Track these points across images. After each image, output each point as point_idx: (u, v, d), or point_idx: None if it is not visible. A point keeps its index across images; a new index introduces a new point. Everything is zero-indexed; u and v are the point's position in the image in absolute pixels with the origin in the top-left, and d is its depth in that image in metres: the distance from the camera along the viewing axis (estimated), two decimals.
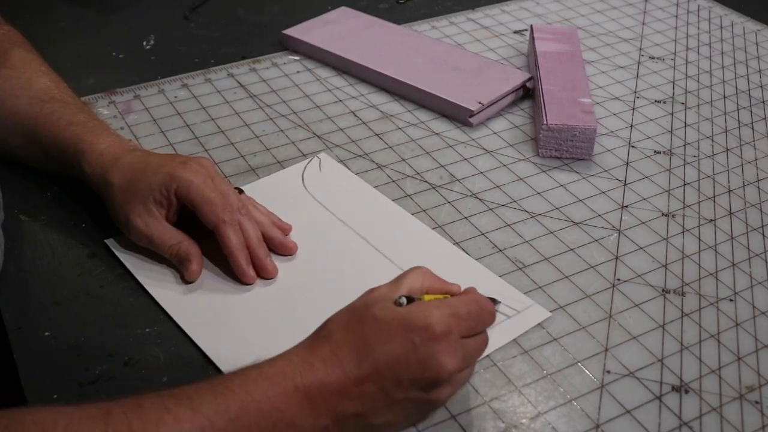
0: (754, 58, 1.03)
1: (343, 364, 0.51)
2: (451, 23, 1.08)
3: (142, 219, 0.66)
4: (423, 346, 0.51)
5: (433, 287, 0.57)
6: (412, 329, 0.51)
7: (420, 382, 0.52)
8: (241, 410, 0.49)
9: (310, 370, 0.51)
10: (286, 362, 0.52)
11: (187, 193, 0.65)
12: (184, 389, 0.50)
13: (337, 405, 0.51)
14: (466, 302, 0.55)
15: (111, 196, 0.68)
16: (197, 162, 0.67)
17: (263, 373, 0.51)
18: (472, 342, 0.54)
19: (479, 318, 0.55)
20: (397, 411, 0.52)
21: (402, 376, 0.51)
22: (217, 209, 0.65)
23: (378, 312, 0.52)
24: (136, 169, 0.67)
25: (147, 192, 0.66)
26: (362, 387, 0.51)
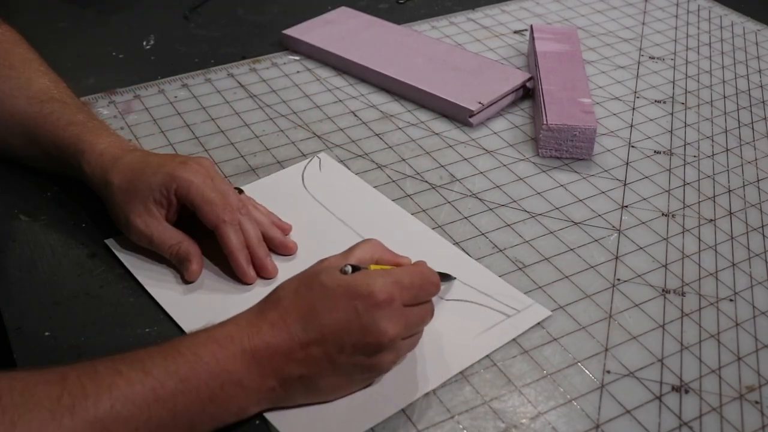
0: (754, 58, 1.04)
1: (290, 328, 0.53)
2: (451, 23, 1.08)
3: (142, 219, 0.66)
4: (365, 312, 0.53)
5: (383, 258, 0.60)
6: (355, 296, 0.53)
7: (362, 348, 0.54)
8: (190, 372, 0.51)
9: (257, 333, 0.53)
10: (234, 326, 0.54)
11: (187, 193, 0.65)
12: (137, 353, 0.52)
13: (283, 367, 0.53)
14: (410, 272, 0.57)
15: (111, 196, 0.68)
16: (197, 162, 0.67)
17: (212, 336, 0.53)
18: (416, 311, 0.56)
19: (422, 288, 0.57)
20: (340, 374, 0.55)
21: (345, 341, 0.53)
22: (218, 209, 0.65)
23: (325, 279, 0.55)
24: (135, 169, 0.67)
25: (147, 192, 0.66)
26: (307, 350, 0.53)
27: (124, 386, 0.49)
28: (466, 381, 0.60)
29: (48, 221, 0.72)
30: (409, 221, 0.74)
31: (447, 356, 0.61)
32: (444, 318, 0.64)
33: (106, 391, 0.49)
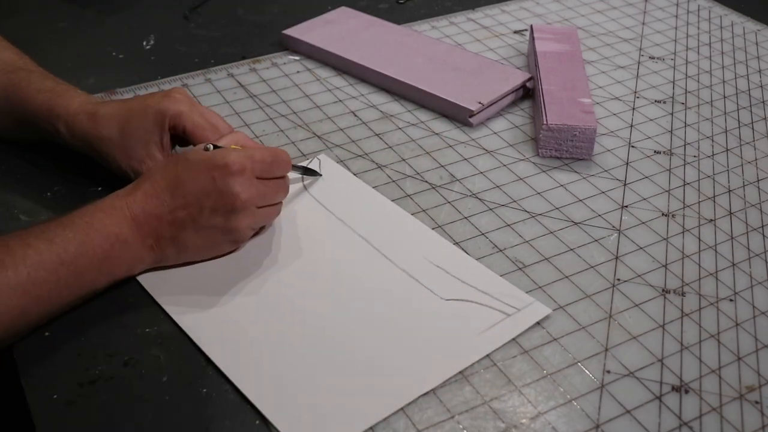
0: (754, 58, 1.04)
1: (160, 196, 0.63)
2: (451, 23, 1.08)
3: (146, 164, 0.71)
4: (221, 179, 0.63)
5: (246, 145, 0.69)
6: (213, 167, 0.63)
7: (219, 210, 0.63)
8: (85, 236, 0.60)
9: (134, 202, 0.63)
10: (115, 197, 0.64)
11: (179, 122, 0.70)
12: (39, 226, 0.61)
13: (156, 228, 0.63)
14: (262, 150, 0.67)
15: (106, 150, 0.71)
16: (176, 92, 0.72)
17: (98, 207, 0.63)
18: (269, 183, 0.66)
19: (273, 163, 0.67)
20: (203, 235, 0.64)
21: (204, 204, 0.63)
22: (208, 133, 0.71)
23: (189, 155, 0.65)
24: (121, 117, 0.71)
25: (146, 136, 0.71)
26: (175, 214, 0.63)
27: (35, 255, 0.58)
28: (466, 381, 0.60)
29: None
30: (409, 221, 0.74)
31: (447, 356, 0.61)
32: (444, 318, 0.64)
33: (21, 261, 0.57)
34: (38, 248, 0.58)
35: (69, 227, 0.61)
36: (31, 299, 0.58)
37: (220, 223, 0.64)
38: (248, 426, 0.56)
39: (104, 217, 0.62)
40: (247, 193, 0.64)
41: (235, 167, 0.63)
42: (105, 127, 0.71)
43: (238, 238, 0.67)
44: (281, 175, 0.68)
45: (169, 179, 0.64)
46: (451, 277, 0.68)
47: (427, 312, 0.65)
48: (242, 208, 0.64)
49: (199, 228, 0.64)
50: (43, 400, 0.57)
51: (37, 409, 0.56)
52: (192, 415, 0.56)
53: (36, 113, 0.73)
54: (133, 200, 0.63)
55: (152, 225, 0.63)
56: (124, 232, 0.62)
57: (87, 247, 0.60)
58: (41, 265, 0.58)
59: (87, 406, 0.56)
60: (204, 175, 0.63)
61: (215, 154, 0.64)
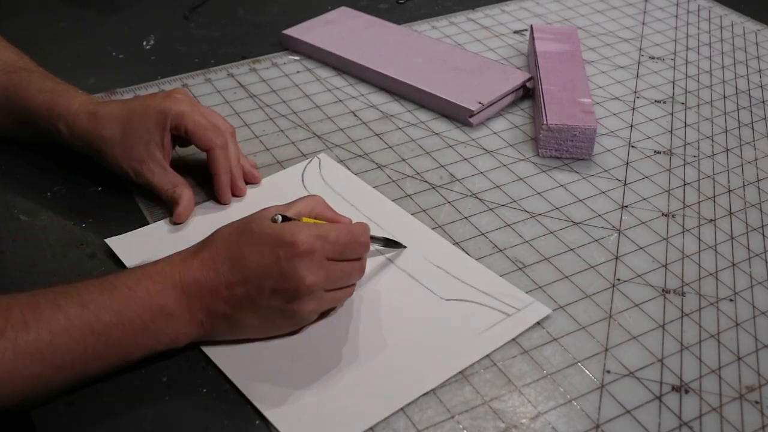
0: (754, 58, 1.04)
1: (218, 268, 0.57)
2: (451, 23, 1.08)
3: (147, 164, 0.71)
4: (286, 260, 0.56)
5: (322, 215, 0.63)
6: (279, 244, 0.57)
7: (281, 293, 0.57)
8: (124, 305, 0.55)
9: (188, 270, 0.57)
10: (167, 262, 0.58)
11: (181, 122, 0.70)
12: (76, 286, 0.56)
13: (209, 303, 0.57)
14: (338, 228, 0.60)
15: (106, 150, 0.71)
16: (177, 92, 0.72)
17: (146, 272, 0.57)
18: (340, 265, 0.59)
19: (348, 245, 0.59)
20: (261, 316, 0.58)
21: (265, 284, 0.57)
22: (210, 133, 0.71)
23: (255, 227, 0.58)
24: (123, 117, 0.71)
25: (147, 136, 0.70)
26: (232, 290, 0.57)
27: (63, 320, 0.53)
28: (466, 381, 0.60)
29: (48, 221, 0.72)
30: (409, 221, 0.74)
31: (447, 356, 0.61)
32: (444, 318, 0.64)
33: (46, 325, 0.53)
34: (68, 313, 0.54)
35: (107, 292, 0.55)
36: (51, 367, 0.53)
37: (281, 306, 0.58)
38: (248, 426, 0.56)
39: (150, 285, 0.56)
40: (313, 278, 0.57)
41: (303, 247, 0.56)
42: (106, 126, 0.71)
43: (300, 321, 0.60)
44: (357, 257, 0.61)
45: (230, 251, 0.58)
46: (451, 277, 0.68)
47: (427, 312, 0.65)
48: (307, 292, 0.57)
49: (257, 308, 0.58)
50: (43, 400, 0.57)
51: (37, 409, 0.56)
52: (192, 415, 0.56)
53: (36, 113, 0.73)
54: (187, 269, 0.57)
55: (205, 299, 0.57)
56: (170, 304, 0.56)
57: (124, 317, 0.55)
58: (68, 333, 0.53)
59: (87, 406, 0.56)
60: (268, 252, 0.57)
61: (283, 228, 0.57)
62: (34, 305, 0.53)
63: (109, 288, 0.56)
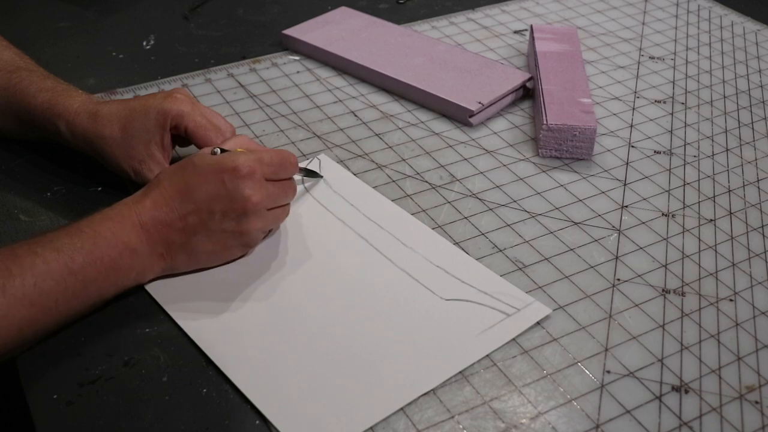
0: (754, 58, 1.04)
1: (170, 203, 0.62)
2: (451, 23, 1.08)
3: (146, 164, 0.71)
4: (230, 182, 0.62)
5: (250, 148, 0.68)
6: (222, 171, 0.62)
7: (231, 214, 0.63)
8: (93, 245, 0.59)
9: (143, 209, 0.62)
10: (123, 205, 0.63)
11: (181, 122, 0.70)
12: (47, 235, 0.60)
13: (167, 235, 0.62)
14: (270, 152, 0.66)
15: (107, 149, 0.71)
16: (178, 92, 0.72)
17: (106, 215, 0.62)
18: (278, 184, 0.66)
19: (281, 166, 0.66)
20: (215, 240, 0.64)
21: (215, 209, 0.62)
22: (210, 133, 0.71)
23: (197, 161, 0.64)
24: (122, 117, 0.71)
25: (147, 136, 0.70)
26: (185, 220, 0.62)
27: (42, 264, 0.57)
28: (466, 381, 0.60)
29: (48, 221, 0.72)
30: (409, 221, 0.74)
31: (447, 356, 0.61)
32: (444, 318, 0.64)
33: (28, 270, 0.57)
34: (46, 257, 0.58)
35: (76, 236, 0.60)
36: (39, 309, 0.57)
37: (232, 227, 0.63)
38: (248, 426, 0.56)
39: (112, 226, 0.61)
40: (257, 196, 0.63)
41: (244, 170, 0.62)
42: (106, 126, 0.71)
43: (249, 241, 0.66)
44: (288, 177, 0.68)
45: (177, 185, 0.63)
46: (451, 277, 0.68)
47: (427, 312, 0.65)
48: (253, 210, 0.63)
49: (211, 233, 0.63)
50: (43, 400, 0.57)
51: (37, 409, 0.56)
52: (192, 415, 0.56)
53: (37, 113, 0.74)
54: (142, 208, 0.62)
55: (162, 232, 0.62)
56: (133, 241, 0.61)
57: (95, 256, 0.59)
58: (49, 275, 0.57)
59: (87, 406, 0.56)
60: (213, 179, 0.62)
61: (224, 157, 0.63)
62: (13, 255, 0.57)
63: (77, 232, 0.60)
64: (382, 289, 0.67)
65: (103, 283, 0.60)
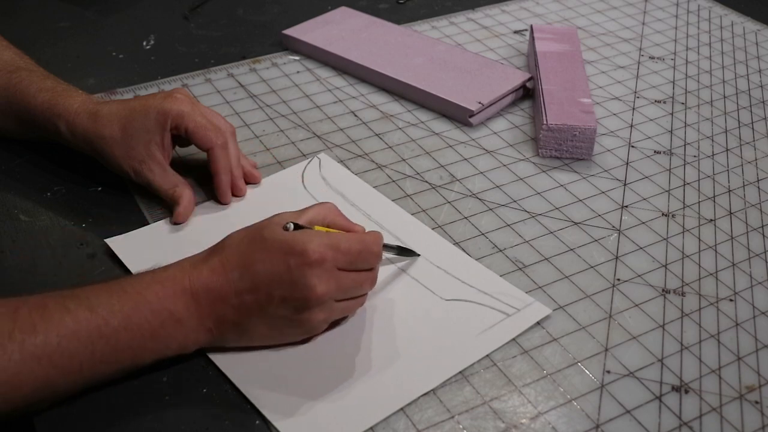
0: (754, 58, 1.04)
1: (228, 275, 0.56)
2: (451, 23, 1.08)
3: (147, 164, 0.71)
4: (297, 269, 0.56)
5: (335, 223, 0.62)
6: (290, 252, 0.56)
7: (291, 302, 0.56)
8: (133, 310, 0.55)
9: (198, 276, 0.57)
10: (178, 268, 0.58)
11: (181, 122, 0.70)
12: (85, 290, 0.55)
13: (219, 310, 0.57)
14: (350, 238, 0.59)
15: (107, 149, 0.71)
16: (178, 92, 0.72)
17: (156, 277, 0.57)
18: (352, 275, 0.59)
19: (360, 255, 0.59)
20: (271, 325, 0.58)
21: (275, 293, 0.56)
22: (210, 133, 0.71)
23: (266, 233, 0.57)
24: (123, 117, 0.71)
25: (147, 136, 0.70)
26: (241, 298, 0.56)
27: (72, 323, 0.53)
28: (466, 381, 0.60)
29: (48, 221, 0.72)
30: (409, 221, 0.74)
31: (447, 356, 0.61)
32: (444, 318, 0.64)
33: (54, 328, 0.52)
34: (77, 316, 0.53)
35: (116, 296, 0.55)
36: (60, 371, 0.53)
37: (290, 315, 0.57)
38: (248, 426, 0.56)
39: (160, 289, 0.56)
40: (323, 288, 0.56)
41: (314, 256, 0.56)
42: (106, 126, 0.71)
43: (310, 330, 0.60)
44: (369, 267, 0.60)
45: (240, 257, 0.57)
46: (451, 277, 0.68)
47: (427, 312, 0.65)
48: (317, 302, 0.57)
49: (267, 317, 0.57)
50: None
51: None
52: (192, 415, 0.56)
53: (37, 113, 0.74)
54: (198, 275, 0.57)
55: (214, 305, 0.56)
56: (179, 310, 0.56)
57: (133, 321, 0.54)
58: (76, 336, 0.53)
59: (87, 406, 0.56)
60: (278, 260, 0.56)
61: (295, 237, 0.56)
62: (42, 308, 0.53)
63: (118, 292, 0.55)
64: (383, 289, 0.66)
65: (137, 350, 0.55)
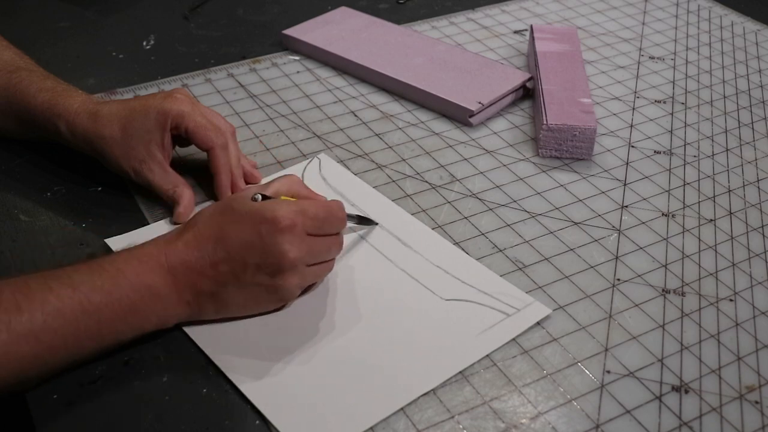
0: (754, 58, 1.04)
1: (202, 248, 0.58)
2: (451, 23, 1.08)
3: (147, 164, 0.71)
4: (268, 235, 0.57)
5: (299, 193, 0.65)
6: (260, 221, 0.58)
7: (265, 268, 0.58)
8: (113, 285, 0.56)
9: (173, 252, 0.58)
10: (153, 244, 0.59)
11: (181, 122, 0.70)
12: (65, 270, 0.56)
13: (196, 282, 0.58)
14: (316, 204, 0.61)
15: (107, 149, 0.71)
16: (178, 92, 0.72)
17: (133, 254, 0.58)
18: (320, 240, 0.61)
19: (327, 220, 0.61)
20: (246, 293, 0.60)
21: (249, 261, 0.58)
22: (210, 133, 0.71)
23: (236, 205, 0.60)
24: (123, 117, 0.71)
25: (147, 136, 0.70)
26: (216, 268, 0.58)
27: (55, 301, 0.54)
28: (466, 381, 0.60)
29: (48, 221, 0.72)
30: (409, 221, 0.74)
31: (447, 356, 0.61)
32: (444, 318, 0.64)
33: (39, 306, 0.53)
34: (60, 294, 0.54)
35: (97, 273, 0.56)
36: (45, 347, 0.54)
37: (265, 282, 0.59)
38: (248, 426, 0.56)
39: (137, 265, 0.57)
40: (295, 252, 0.58)
41: (284, 222, 0.58)
42: (106, 126, 0.71)
43: (284, 296, 0.61)
44: (335, 232, 0.63)
45: (212, 230, 0.59)
46: (451, 277, 0.68)
47: (427, 312, 0.65)
48: (290, 266, 0.59)
49: (242, 285, 0.59)
50: (43, 400, 0.57)
51: (37, 409, 0.56)
52: (192, 415, 0.56)
53: (37, 113, 0.74)
54: (173, 249, 0.58)
55: (190, 278, 0.58)
56: (158, 284, 0.57)
57: (113, 296, 0.56)
58: (60, 313, 0.54)
59: (87, 406, 0.56)
60: (250, 229, 0.58)
61: (264, 206, 0.59)
62: (26, 288, 0.54)
63: (98, 269, 0.57)
64: (383, 289, 0.67)
65: (119, 325, 0.57)
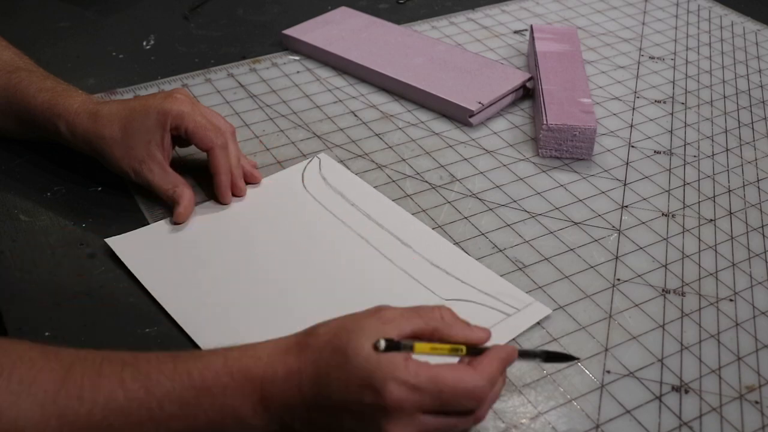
0: (754, 58, 1.04)
1: (302, 388, 0.50)
2: (451, 23, 1.08)
3: (146, 164, 0.71)
4: (369, 408, 0.49)
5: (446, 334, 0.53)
6: (368, 384, 0.49)
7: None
8: (194, 399, 0.49)
9: (271, 380, 0.50)
10: (254, 360, 0.51)
11: (181, 122, 0.70)
12: (148, 362, 0.50)
13: (286, 418, 0.51)
14: (444, 378, 0.50)
15: (107, 149, 0.71)
16: (178, 93, 0.72)
17: (228, 367, 0.50)
18: (438, 420, 0.50)
19: (453, 400, 0.50)
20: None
21: (345, 422, 0.50)
22: (210, 134, 0.71)
23: (351, 350, 0.49)
24: (123, 117, 0.71)
25: (147, 136, 0.70)
26: (310, 413, 0.50)
27: (123, 401, 0.48)
28: None
29: (48, 221, 0.72)
30: (409, 221, 0.74)
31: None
32: None
33: (103, 401, 0.48)
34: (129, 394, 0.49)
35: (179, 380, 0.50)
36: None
37: None
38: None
39: (229, 382, 0.50)
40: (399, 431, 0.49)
41: (390, 401, 0.48)
42: (106, 126, 0.71)
43: None
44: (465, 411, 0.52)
45: (319, 369, 0.50)
46: (451, 277, 0.68)
47: None
48: None
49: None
50: None
51: None
52: None
53: (37, 113, 0.74)
54: (272, 377, 0.50)
55: (283, 414, 0.51)
56: (246, 410, 0.50)
57: (190, 411, 0.50)
58: (123, 413, 0.48)
59: None
60: (355, 389, 0.49)
61: (380, 364, 0.48)
62: (97, 374, 0.49)
63: (182, 374, 0.50)
64: (383, 289, 0.66)
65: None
